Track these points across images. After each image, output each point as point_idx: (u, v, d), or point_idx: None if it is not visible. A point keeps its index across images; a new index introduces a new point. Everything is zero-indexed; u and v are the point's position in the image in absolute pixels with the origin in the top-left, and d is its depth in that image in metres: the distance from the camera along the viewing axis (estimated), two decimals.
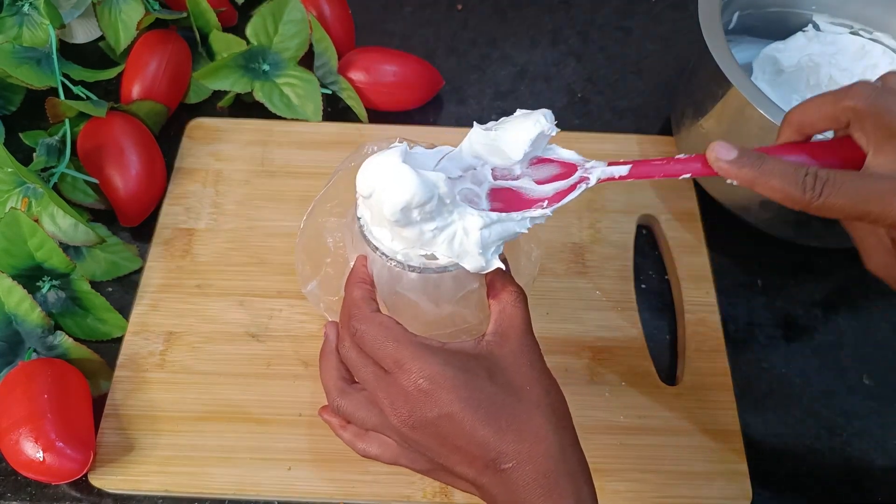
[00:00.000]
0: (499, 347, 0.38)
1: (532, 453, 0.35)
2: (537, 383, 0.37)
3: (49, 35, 0.60)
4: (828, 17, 0.64)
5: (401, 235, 0.40)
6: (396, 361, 0.37)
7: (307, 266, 0.47)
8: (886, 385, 0.54)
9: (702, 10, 0.55)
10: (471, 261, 0.38)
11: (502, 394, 0.36)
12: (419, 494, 0.48)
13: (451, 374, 0.36)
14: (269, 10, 0.64)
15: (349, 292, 0.40)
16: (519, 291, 0.40)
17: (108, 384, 0.51)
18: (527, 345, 0.39)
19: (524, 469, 0.35)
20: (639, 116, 0.68)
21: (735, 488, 0.49)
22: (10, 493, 0.48)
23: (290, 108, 0.64)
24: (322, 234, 0.46)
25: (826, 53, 0.61)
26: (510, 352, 0.38)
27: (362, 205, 0.42)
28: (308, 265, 0.47)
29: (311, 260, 0.47)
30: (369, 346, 0.38)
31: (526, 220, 0.40)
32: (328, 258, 0.46)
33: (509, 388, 0.37)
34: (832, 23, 0.64)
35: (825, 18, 0.64)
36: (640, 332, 0.55)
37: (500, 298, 0.40)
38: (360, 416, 0.40)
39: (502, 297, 0.40)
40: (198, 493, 0.48)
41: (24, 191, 0.54)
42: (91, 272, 0.56)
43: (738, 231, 0.60)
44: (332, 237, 0.46)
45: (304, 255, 0.47)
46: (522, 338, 0.39)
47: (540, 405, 0.36)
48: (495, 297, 0.40)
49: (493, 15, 0.75)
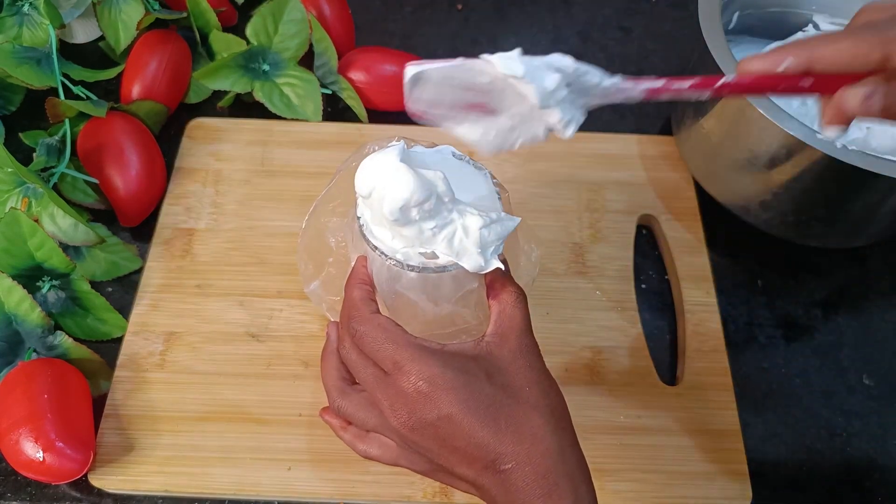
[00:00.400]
0: (498, 348, 0.38)
1: (531, 454, 0.35)
2: (536, 384, 0.37)
3: (49, 35, 0.60)
4: (827, 17, 0.64)
5: (400, 234, 0.40)
6: (395, 363, 0.37)
7: (310, 266, 0.47)
8: (886, 385, 0.54)
9: (702, 9, 0.55)
10: (470, 260, 0.38)
11: (501, 395, 0.36)
12: (419, 495, 0.48)
13: (451, 376, 0.36)
14: (269, 10, 0.64)
15: (349, 293, 0.40)
16: (519, 292, 0.40)
17: (108, 384, 0.51)
18: (526, 346, 0.39)
19: (523, 470, 0.35)
20: (639, 116, 0.68)
21: (735, 488, 0.49)
22: (10, 493, 0.48)
23: (290, 108, 0.64)
24: (324, 233, 0.46)
25: None
26: (509, 353, 0.38)
27: (362, 204, 0.42)
28: (310, 265, 0.47)
29: (313, 260, 0.47)
30: (369, 348, 0.38)
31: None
32: (330, 258, 0.46)
33: (508, 389, 0.37)
34: (832, 23, 0.64)
35: (825, 18, 0.64)
36: (640, 332, 0.55)
37: (500, 299, 0.40)
38: (360, 416, 0.40)
39: (502, 298, 0.40)
40: (198, 493, 0.48)
41: (24, 191, 0.54)
42: (91, 272, 0.56)
43: (738, 231, 0.60)
44: (334, 237, 0.46)
45: (307, 255, 0.47)
46: (522, 339, 0.39)
47: (538, 406, 0.36)
48: (495, 298, 0.40)
49: (493, 14, 0.75)
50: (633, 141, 0.64)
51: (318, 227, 0.47)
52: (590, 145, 0.63)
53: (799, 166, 0.51)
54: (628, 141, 0.64)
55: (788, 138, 0.50)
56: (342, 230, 0.46)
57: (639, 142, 0.64)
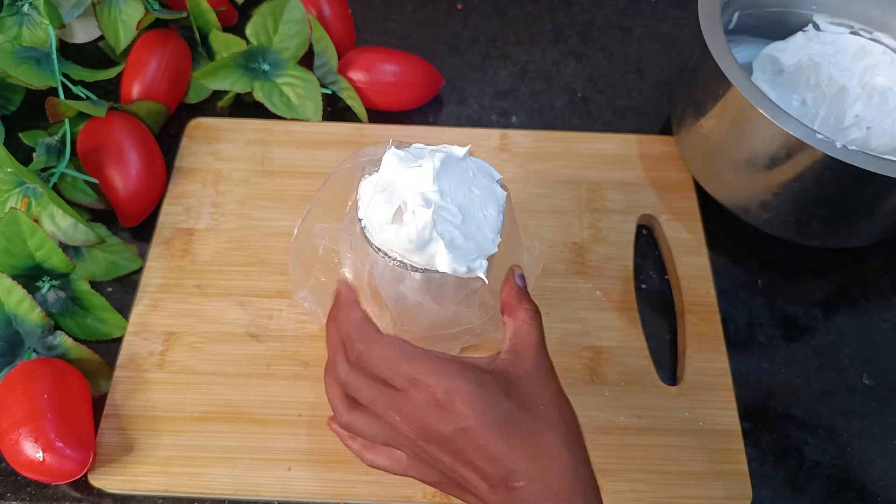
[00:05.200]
0: (514, 366, 0.38)
1: (544, 472, 0.35)
2: (552, 402, 0.37)
3: (49, 35, 0.60)
4: (828, 16, 0.64)
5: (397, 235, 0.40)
6: (411, 379, 0.36)
7: (299, 272, 0.47)
8: (886, 385, 0.54)
9: (702, 9, 0.55)
10: (442, 262, 0.40)
11: (517, 411, 0.36)
12: (419, 495, 0.48)
13: (469, 389, 0.35)
14: (269, 10, 0.64)
15: (346, 317, 0.39)
16: (534, 310, 0.40)
17: (108, 384, 0.51)
18: (541, 363, 0.39)
19: (535, 488, 0.35)
20: (639, 116, 0.68)
21: (735, 488, 0.49)
22: (10, 493, 0.48)
23: (290, 108, 0.64)
24: (313, 239, 0.46)
25: (826, 53, 0.61)
26: (525, 371, 0.38)
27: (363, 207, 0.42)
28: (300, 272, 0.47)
29: (302, 266, 0.47)
30: (377, 367, 0.37)
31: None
32: (318, 265, 0.47)
33: (524, 405, 0.36)
34: (832, 22, 0.64)
35: (825, 18, 0.64)
36: (640, 332, 0.55)
37: (516, 316, 0.40)
38: (369, 432, 0.39)
39: (518, 315, 0.40)
40: (198, 493, 0.48)
41: (23, 191, 0.54)
42: (91, 272, 0.56)
43: (738, 231, 0.60)
44: (323, 243, 0.46)
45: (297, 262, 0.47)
46: (537, 356, 0.39)
47: (555, 424, 0.36)
48: (511, 315, 0.40)
49: (493, 14, 0.75)
50: (633, 141, 0.64)
51: (308, 233, 0.47)
52: (590, 145, 0.64)
53: (799, 166, 0.51)
54: (628, 141, 0.64)
55: (789, 138, 0.50)
56: (332, 234, 0.46)
57: (639, 142, 0.64)
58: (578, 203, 0.60)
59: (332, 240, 0.46)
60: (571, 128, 0.67)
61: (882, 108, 0.58)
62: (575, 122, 0.67)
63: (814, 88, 0.59)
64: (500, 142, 0.64)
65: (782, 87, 0.61)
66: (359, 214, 0.42)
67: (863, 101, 0.58)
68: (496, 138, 0.64)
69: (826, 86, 0.59)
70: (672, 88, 0.69)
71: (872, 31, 0.63)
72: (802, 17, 0.64)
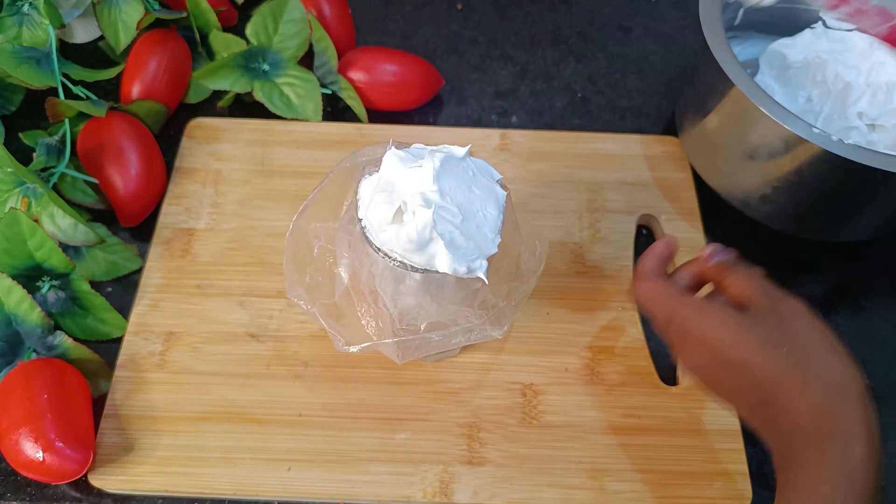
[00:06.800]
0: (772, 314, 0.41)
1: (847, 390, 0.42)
2: (827, 332, 0.41)
3: (49, 35, 0.60)
4: (835, 11, 0.63)
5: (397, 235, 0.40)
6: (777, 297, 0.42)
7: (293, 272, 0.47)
8: (886, 385, 0.54)
9: (702, 8, 0.55)
10: (442, 262, 0.40)
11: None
12: (419, 495, 0.48)
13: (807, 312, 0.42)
14: (269, 10, 0.64)
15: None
16: (757, 271, 0.44)
17: (107, 384, 0.51)
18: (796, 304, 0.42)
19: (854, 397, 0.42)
20: (639, 116, 0.68)
21: (735, 488, 0.49)
22: (10, 493, 0.48)
23: (290, 108, 0.64)
24: (309, 239, 0.46)
25: (833, 50, 0.60)
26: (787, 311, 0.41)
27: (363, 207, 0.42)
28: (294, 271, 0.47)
29: (297, 265, 0.47)
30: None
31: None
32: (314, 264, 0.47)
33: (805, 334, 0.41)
34: (839, 18, 0.63)
35: (833, 14, 0.63)
36: (640, 332, 0.55)
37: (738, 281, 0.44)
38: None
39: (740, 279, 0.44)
40: (198, 493, 0.48)
41: (23, 191, 0.54)
42: (91, 272, 0.56)
43: (737, 231, 0.59)
44: (318, 242, 0.46)
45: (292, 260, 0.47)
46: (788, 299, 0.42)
47: (840, 350, 0.42)
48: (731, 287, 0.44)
49: (493, 14, 0.75)
50: (633, 141, 0.64)
51: (302, 231, 0.47)
52: (589, 145, 0.64)
53: (797, 160, 0.51)
54: (628, 141, 0.64)
55: (786, 133, 0.50)
56: (328, 234, 0.46)
57: (639, 142, 0.64)
58: (578, 203, 0.60)
59: (328, 239, 0.46)
60: (571, 128, 0.67)
61: (887, 105, 0.58)
62: (575, 122, 0.67)
63: (820, 85, 0.59)
64: (500, 142, 0.64)
65: (789, 83, 0.61)
66: (359, 214, 0.42)
67: (867, 98, 0.58)
68: (496, 138, 0.64)
69: (832, 82, 0.58)
70: (672, 88, 0.69)
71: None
72: (810, 13, 0.64)
